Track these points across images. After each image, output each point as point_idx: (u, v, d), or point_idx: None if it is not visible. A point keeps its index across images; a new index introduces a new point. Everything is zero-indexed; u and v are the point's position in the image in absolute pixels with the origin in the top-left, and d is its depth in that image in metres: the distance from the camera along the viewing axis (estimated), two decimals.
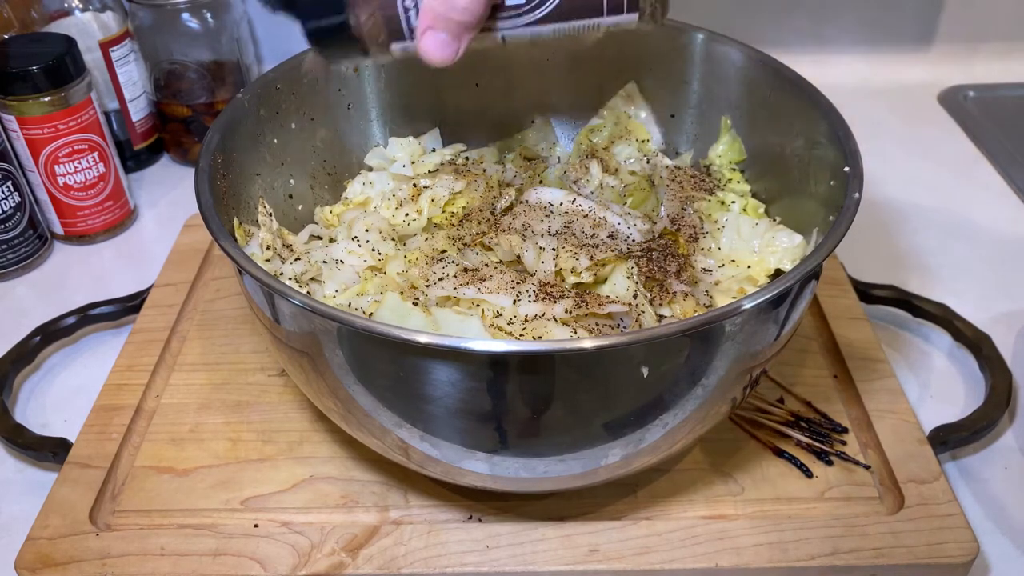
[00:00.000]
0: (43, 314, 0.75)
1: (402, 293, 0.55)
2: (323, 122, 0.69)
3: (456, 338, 0.43)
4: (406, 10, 0.48)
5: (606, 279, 0.57)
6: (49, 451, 0.63)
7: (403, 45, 0.50)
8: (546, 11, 0.48)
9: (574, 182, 0.69)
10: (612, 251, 0.58)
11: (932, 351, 0.74)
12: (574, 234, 0.61)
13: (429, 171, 0.69)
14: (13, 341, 0.72)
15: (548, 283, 0.57)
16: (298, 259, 0.61)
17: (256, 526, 0.57)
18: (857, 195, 0.52)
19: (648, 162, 0.70)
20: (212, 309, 0.75)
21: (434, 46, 0.47)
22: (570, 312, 0.53)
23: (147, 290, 0.77)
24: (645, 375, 0.46)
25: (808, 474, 0.60)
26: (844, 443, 0.63)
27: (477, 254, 0.60)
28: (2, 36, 0.85)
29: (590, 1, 0.48)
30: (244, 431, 0.65)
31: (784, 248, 0.60)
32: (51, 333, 0.73)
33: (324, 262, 0.60)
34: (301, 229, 0.67)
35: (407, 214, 0.65)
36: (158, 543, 0.56)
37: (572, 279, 0.57)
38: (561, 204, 0.64)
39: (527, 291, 0.55)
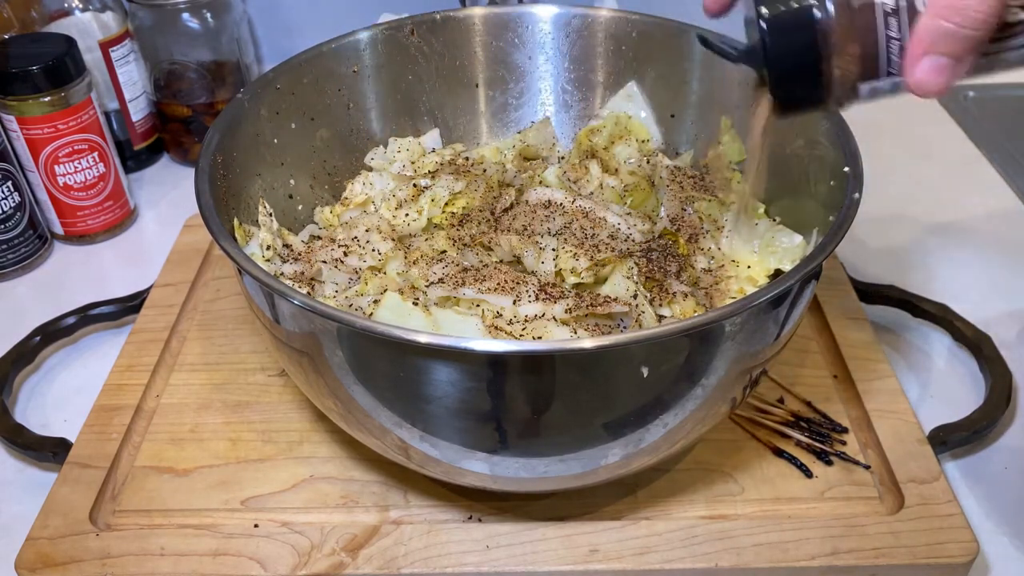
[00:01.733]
0: (43, 314, 0.75)
1: (402, 293, 0.55)
2: (323, 122, 0.69)
3: (456, 338, 0.43)
4: (889, 40, 0.42)
5: (606, 279, 0.57)
6: (49, 451, 0.63)
7: (873, 84, 0.44)
8: None
9: (574, 182, 0.69)
10: (612, 251, 0.58)
11: (932, 351, 0.74)
12: (574, 234, 0.61)
13: (429, 171, 0.69)
14: (13, 341, 0.72)
15: (548, 283, 0.57)
16: (298, 259, 0.61)
17: (256, 526, 0.57)
18: (857, 195, 0.51)
19: (648, 162, 0.70)
20: (212, 309, 0.75)
21: (931, 72, 0.42)
22: (570, 312, 0.53)
23: (147, 290, 0.77)
24: (645, 375, 0.46)
25: (808, 474, 0.60)
26: (844, 443, 0.63)
27: (477, 254, 0.60)
28: (2, 36, 0.85)
29: None
30: (244, 431, 0.65)
31: (784, 248, 0.60)
32: (51, 333, 0.73)
33: (324, 262, 0.60)
34: (301, 229, 0.67)
35: (407, 214, 0.65)
36: (158, 543, 0.56)
37: (572, 279, 0.57)
38: (561, 204, 0.64)
39: (527, 291, 0.55)
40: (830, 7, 0.42)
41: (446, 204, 0.66)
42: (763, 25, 0.43)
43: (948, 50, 0.41)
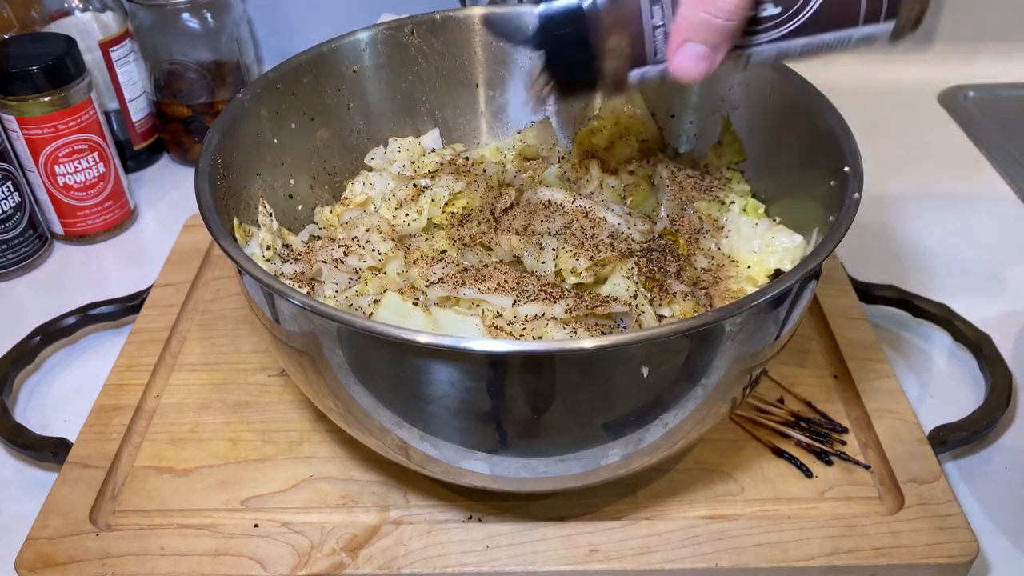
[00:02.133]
0: (43, 314, 0.75)
1: (402, 293, 0.55)
2: (323, 122, 0.69)
3: (456, 338, 0.43)
4: (655, 28, 0.46)
5: (606, 279, 0.57)
6: (49, 451, 0.63)
7: (642, 71, 0.48)
8: (800, 21, 0.46)
9: (574, 182, 0.69)
10: (612, 251, 0.58)
11: (932, 351, 0.74)
12: (574, 234, 0.61)
13: (429, 171, 0.69)
14: (13, 341, 0.72)
15: (548, 283, 0.57)
16: (298, 259, 0.61)
17: (256, 526, 0.57)
18: (857, 195, 0.51)
19: (648, 162, 0.70)
20: (212, 309, 0.75)
21: (689, 59, 0.45)
22: (570, 312, 0.53)
23: (147, 290, 0.77)
24: (645, 375, 0.46)
25: (808, 474, 0.60)
26: (844, 443, 0.63)
27: (477, 254, 0.60)
28: (2, 36, 0.85)
29: (847, 8, 0.45)
30: (244, 431, 0.65)
31: (784, 248, 0.60)
32: (51, 333, 0.73)
33: (324, 262, 0.60)
34: (301, 229, 0.67)
35: (407, 214, 0.65)
36: (158, 543, 0.56)
37: (572, 279, 0.57)
38: (561, 204, 0.64)
39: (527, 291, 0.55)
40: None
41: (446, 204, 0.66)
42: (537, 16, 0.47)
43: (704, 38, 0.44)
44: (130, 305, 0.76)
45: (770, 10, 0.46)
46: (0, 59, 0.79)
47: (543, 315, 0.53)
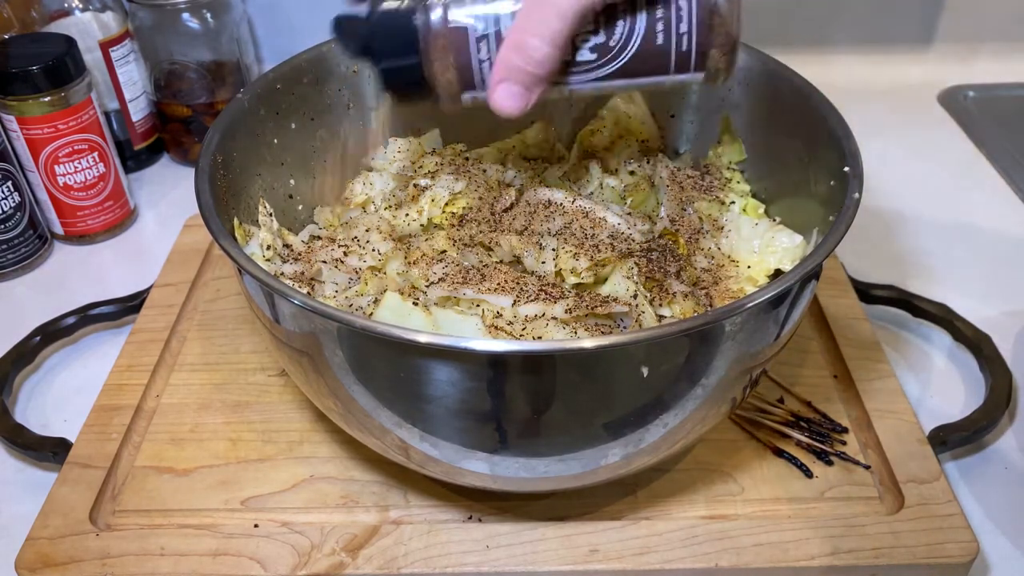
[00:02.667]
0: (43, 314, 0.75)
1: (402, 293, 0.55)
2: (323, 122, 0.69)
3: (456, 338, 0.43)
4: (480, 63, 0.49)
5: (606, 279, 0.57)
6: (49, 451, 0.63)
7: (473, 94, 0.51)
8: (614, 68, 0.48)
9: (574, 182, 0.69)
10: (612, 251, 0.58)
11: (932, 351, 0.74)
12: (574, 234, 0.61)
13: (429, 171, 0.69)
14: (13, 341, 0.72)
15: (548, 283, 0.57)
16: (298, 259, 0.61)
17: (256, 526, 0.57)
18: (857, 195, 0.51)
19: (648, 162, 0.70)
20: (212, 309, 0.75)
21: (506, 97, 0.48)
22: (570, 312, 0.53)
23: (147, 290, 0.77)
24: (645, 375, 0.46)
25: (808, 474, 0.60)
26: (844, 443, 0.63)
27: (477, 254, 0.60)
28: (2, 36, 0.85)
29: (658, 61, 0.48)
30: (244, 431, 0.65)
31: (784, 248, 0.60)
32: (51, 333, 0.73)
33: (324, 262, 0.60)
34: (301, 229, 0.67)
35: (407, 214, 0.65)
36: (158, 543, 0.56)
37: (572, 279, 0.57)
38: (561, 204, 0.64)
39: (527, 291, 0.55)
40: (431, 19, 0.48)
41: (446, 204, 0.66)
42: (369, 29, 0.49)
43: (518, 80, 0.47)
44: (130, 305, 0.76)
45: (587, 55, 0.48)
46: (0, 59, 0.79)
47: (543, 315, 0.53)
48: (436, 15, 0.48)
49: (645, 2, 0.47)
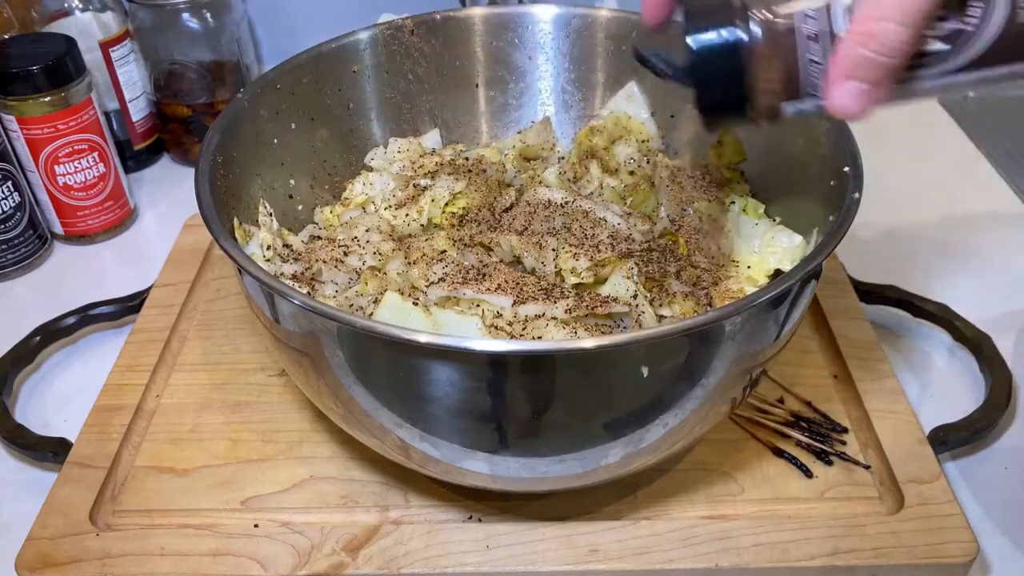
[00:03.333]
0: (43, 314, 0.75)
1: (402, 293, 0.55)
2: (323, 122, 0.69)
3: (456, 338, 0.43)
4: (810, 65, 0.44)
5: (606, 279, 0.57)
6: (49, 451, 0.63)
7: (797, 106, 0.46)
8: (970, 57, 0.43)
9: (574, 182, 0.69)
10: (612, 251, 0.58)
11: (932, 351, 0.74)
12: (574, 234, 0.61)
13: (429, 171, 0.69)
14: (13, 341, 0.72)
15: (548, 283, 0.57)
16: (298, 259, 0.61)
17: (256, 526, 0.57)
18: (857, 195, 0.52)
19: (648, 162, 0.70)
20: (212, 309, 0.75)
21: (849, 97, 0.43)
22: (570, 312, 0.53)
23: (147, 290, 0.77)
24: (645, 375, 0.46)
25: (808, 474, 0.60)
26: (844, 443, 0.63)
27: (477, 254, 0.60)
28: (2, 36, 0.85)
29: (1021, 45, 0.42)
30: (244, 431, 0.65)
31: (784, 248, 0.60)
32: (51, 333, 0.73)
33: (324, 262, 0.60)
34: (301, 229, 0.67)
35: (407, 214, 0.65)
36: (158, 543, 0.56)
37: (572, 279, 0.57)
38: (561, 204, 0.64)
39: (527, 291, 0.55)
40: (756, 31, 0.43)
41: (446, 204, 0.66)
42: (691, 51, 0.45)
43: (865, 75, 0.42)
44: (130, 305, 0.76)
45: (938, 46, 0.43)
46: (0, 59, 0.79)
47: (543, 315, 0.53)
48: (760, 21, 0.43)
49: None
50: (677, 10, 0.50)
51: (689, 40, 0.44)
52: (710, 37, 0.44)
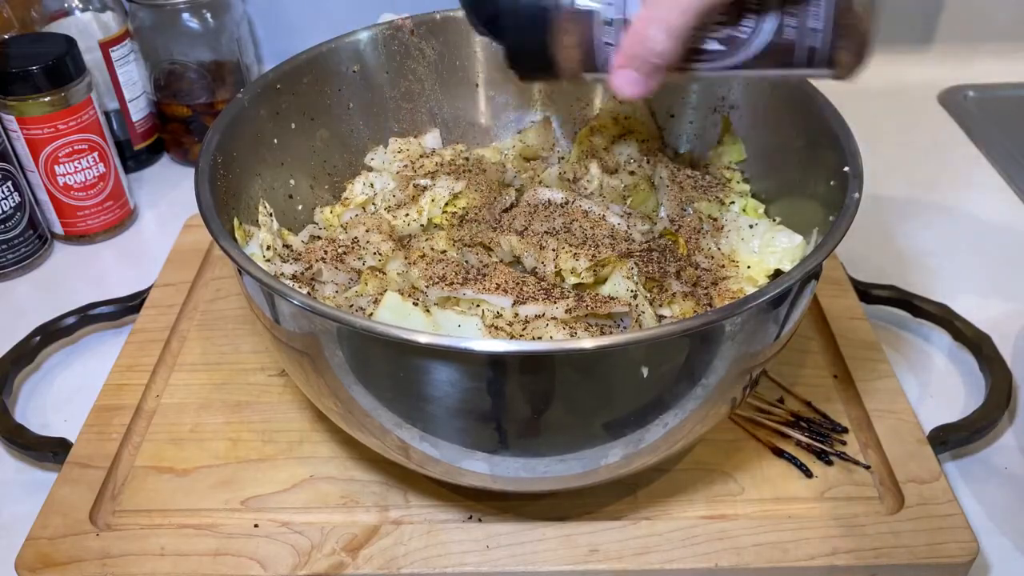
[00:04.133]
0: (43, 314, 0.75)
1: (402, 293, 0.55)
2: (323, 122, 0.69)
3: (456, 338, 0.44)
4: (605, 45, 0.49)
5: (606, 279, 0.57)
6: (49, 451, 0.63)
7: (595, 76, 0.51)
8: (741, 60, 0.48)
9: (574, 182, 0.69)
10: (612, 251, 0.58)
11: (932, 351, 0.74)
12: (574, 234, 0.61)
13: (429, 171, 0.69)
14: (13, 341, 0.72)
15: (548, 283, 0.57)
16: (298, 259, 0.61)
17: (256, 526, 0.57)
18: (857, 195, 0.51)
19: (648, 162, 0.70)
20: (212, 309, 0.75)
21: (626, 83, 0.49)
22: (570, 312, 0.53)
23: (147, 290, 0.77)
24: (645, 375, 0.46)
25: (808, 474, 0.60)
26: (844, 443, 0.63)
27: (477, 254, 0.60)
28: (2, 36, 0.85)
29: (787, 56, 0.48)
30: (244, 431, 0.65)
31: (784, 248, 0.60)
32: (51, 333, 0.73)
33: (324, 262, 0.60)
34: (301, 229, 0.67)
35: (407, 214, 0.65)
36: (158, 543, 0.56)
37: (572, 279, 0.57)
38: (561, 204, 0.64)
39: (527, 291, 0.55)
40: (558, 3, 0.49)
41: (446, 204, 0.66)
42: (497, 6, 0.50)
43: (639, 68, 0.48)
44: (130, 305, 0.76)
45: (714, 46, 0.48)
46: (0, 59, 0.79)
47: (543, 315, 0.53)
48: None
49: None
50: None
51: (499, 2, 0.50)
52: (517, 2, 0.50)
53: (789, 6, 0.46)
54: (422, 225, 0.65)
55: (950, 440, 0.63)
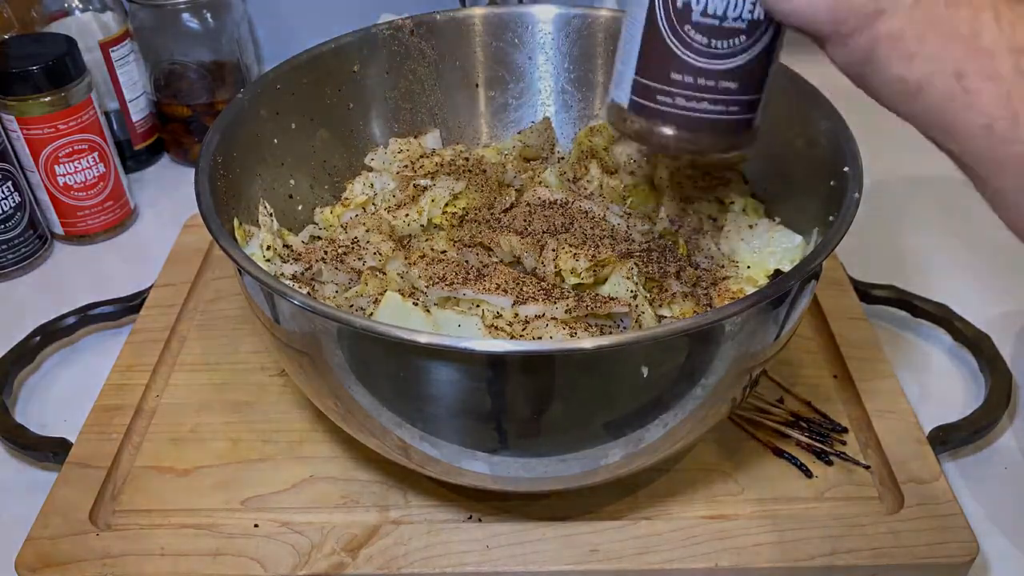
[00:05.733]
0: (43, 314, 0.75)
1: (402, 293, 0.55)
2: (323, 122, 0.69)
3: (456, 338, 0.44)
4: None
5: (606, 279, 0.57)
6: (49, 451, 0.63)
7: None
8: None
9: (574, 182, 0.69)
10: (612, 251, 0.58)
11: (932, 351, 0.74)
12: (574, 234, 0.61)
13: (429, 171, 0.69)
14: (13, 341, 0.72)
15: (548, 283, 0.57)
16: (298, 259, 0.61)
17: (256, 526, 0.57)
18: (857, 195, 0.51)
19: (648, 162, 0.69)
20: (212, 309, 0.75)
21: None
22: (570, 312, 0.53)
23: (147, 290, 0.77)
24: (645, 375, 0.46)
25: (808, 474, 0.60)
26: (844, 443, 0.63)
27: (477, 255, 0.60)
28: (2, 36, 0.85)
29: None
30: (244, 431, 0.65)
31: (784, 248, 0.60)
32: (51, 333, 0.73)
33: (324, 262, 0.60)
34: (301, 229, 0.67)
35: (407, 214, 0.65)
36: (158, 543, 0.56)
37: (572, 279, 0.57)
38: (561, 204, 0.64)
39: (527, 291, 0.55)
40: None
41: (446, 204, 0.66)
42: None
43: None
44: (130, 305, 0.76)
45: None
46: (0, 59, 0.79)
47: (543, 315, 0.53)
48: None
49: None
50: None
51: None
52: None
53: None
54: (422, 225, 0.65)
55: (950, 440, 0.63)
